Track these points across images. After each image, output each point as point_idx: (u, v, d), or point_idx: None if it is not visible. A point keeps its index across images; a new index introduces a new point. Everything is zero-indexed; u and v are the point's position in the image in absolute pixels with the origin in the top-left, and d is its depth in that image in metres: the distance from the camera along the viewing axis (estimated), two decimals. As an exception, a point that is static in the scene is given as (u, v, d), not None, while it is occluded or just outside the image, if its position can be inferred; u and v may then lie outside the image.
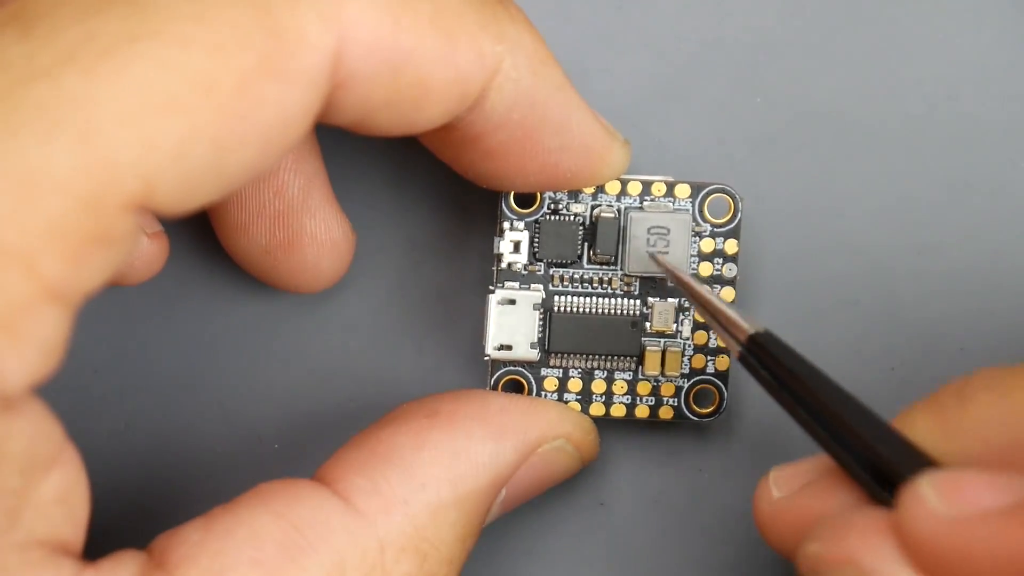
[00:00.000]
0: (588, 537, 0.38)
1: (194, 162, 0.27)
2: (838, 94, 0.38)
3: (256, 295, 0.38)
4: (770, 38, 0.38)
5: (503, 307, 0.36)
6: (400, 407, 0.34)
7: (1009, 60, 0.37)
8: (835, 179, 0.38)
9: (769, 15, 0.38)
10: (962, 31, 0.37)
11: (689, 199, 0.36)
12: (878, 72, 0.38)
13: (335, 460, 0.32)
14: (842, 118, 0.38)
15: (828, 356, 0.37)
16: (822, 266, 0.37)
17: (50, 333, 0.27)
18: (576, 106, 0.33)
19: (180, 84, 0.27)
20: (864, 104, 0.38)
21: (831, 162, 0.38)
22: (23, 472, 0.28)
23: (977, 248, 0.37)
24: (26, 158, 0.26)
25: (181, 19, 0.27)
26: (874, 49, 0.38)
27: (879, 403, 0.37)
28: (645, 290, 0.36)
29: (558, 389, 0.36)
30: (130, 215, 0.27)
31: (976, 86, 0.37)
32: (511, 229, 0.36)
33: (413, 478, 0.32)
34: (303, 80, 0.28)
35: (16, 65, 0.26)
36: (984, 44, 0.37)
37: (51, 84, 0.26)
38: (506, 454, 0.33)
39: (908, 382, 0.37)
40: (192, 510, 0.37)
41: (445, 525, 0.32)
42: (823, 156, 0.38)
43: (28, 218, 0.26)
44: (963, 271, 0.37)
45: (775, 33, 0.38)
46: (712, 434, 0.38)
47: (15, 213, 0.26)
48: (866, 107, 0.38)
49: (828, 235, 0.37)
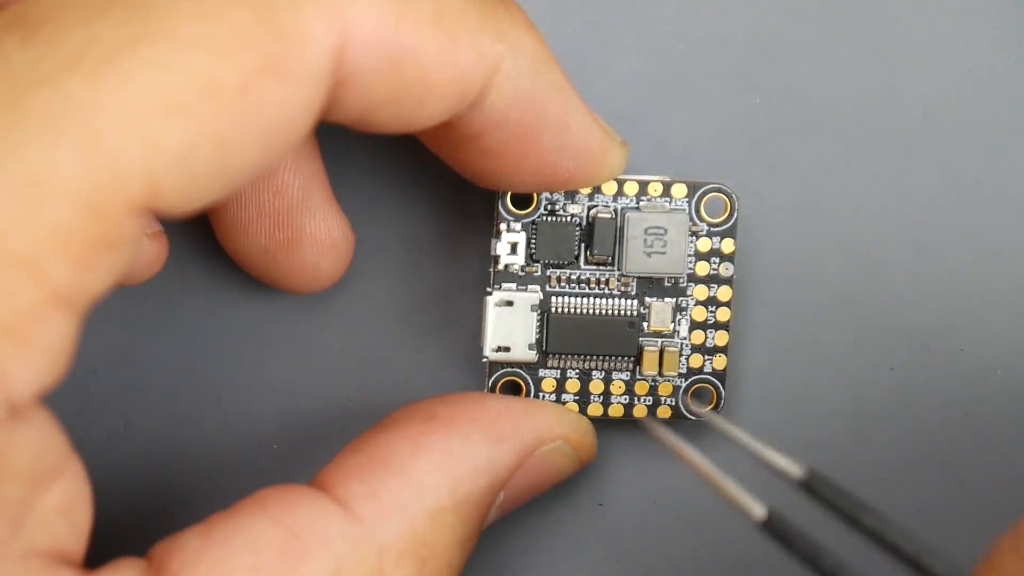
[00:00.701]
0: (587, 537, 0.38)
1: (198, 163, 0.27)
2: (837, 94, 0.38)
3: (255, 295, 0.38)
4: (769, 37, 0.38)
5: (501, 309, 0.36)
6: (397, 411, 0.34)
7: (1009, 60, 0.37)
8: (834, 178, 0.38)
9: (768, 15, 0.38)
10: (962, 31, 0.37)
11: (686, 199, 0.36)
12: (878, 72, 0.38)
13: (333, 465, 0.32)
14: (841, 118, 0.38)
15: (827, 356, 0.37)
16: (821, 266, 0.37)
17: (58, 339, 0.27)
18: (575, 107, 0.33)
19: (183, 86, 0.27)
20: (864, 104, 0.38)
21: (830, 161, 0.38)
22: (28, 482, 0.28)
23: (977, 248, 0.37)
24: (31, 165, 0.26)
25: (183, 20, 0.27)
26: (874, 49, 0.38)
27: (878, 404, 0.37)
28: (642, 290, 0.36)
29: (556, 390, 0.36)
30: (135, 218, 0.27)
31: (976, 86, 0.37)
32: (508, 230, 0.36)
33: (411, 483, 0.32)
34: (306, 78, 0.28)
35: (20, 72, 0.26)
36: (984, 44, 0.37)
37: (55, 90, 0.26)
38: (504, 457, 0.33)
39: (907, 383, 0.37)
40: (190, 510, 0.37)
41: (444, 529, 0.32)
42: (822, 155, 0.38)
43: (34, 224, 0.26)
44: (963, 271, 0.37)
45: (774, 33, 0.38)
46: (710, 433, 0.38)
47: (21, 220, 0.26)
48: (866, 107, 0.38)
49: (827, 235, 0.37)
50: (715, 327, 0.36)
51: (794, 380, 0.37)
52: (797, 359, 0.37)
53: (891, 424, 0.37)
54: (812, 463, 0.37)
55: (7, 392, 0.26)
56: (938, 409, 0.37)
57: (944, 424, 0.37)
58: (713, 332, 0.36)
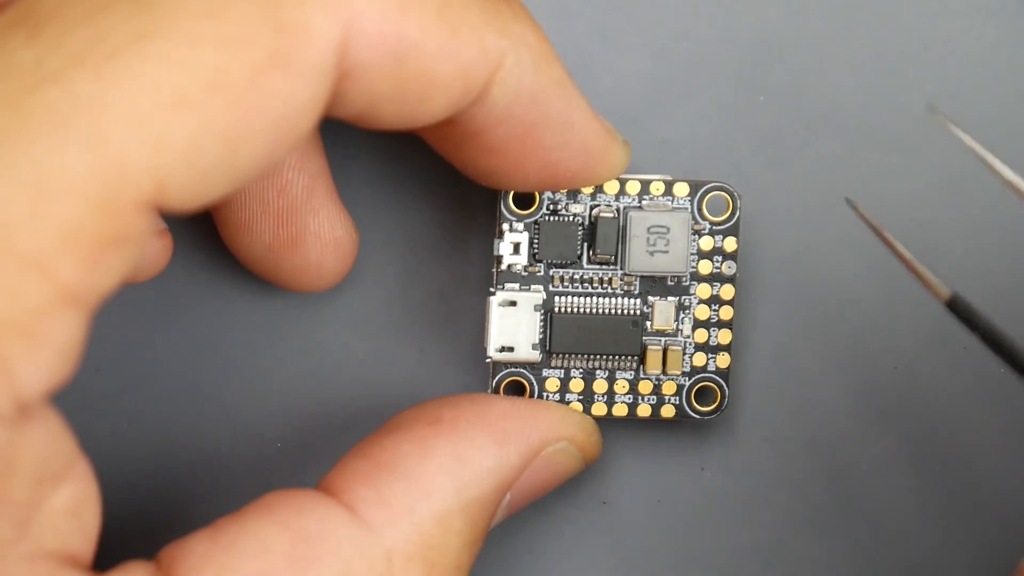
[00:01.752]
0: (590, 536, 0.38)
1: (206, 159, 0.27)
2: (840, 93, 0.38)
3: (259, 294, 0.38)
4: (772, 37, 0.38)
5: (504, 309, 0.36)
6: (402, 413, 0.34)
7: (1009, 60, 0.37)
8: (837, 176, 0.38)
9: (771, 14, 0.38)
10: (962, 31, 0.37)
11: (688, 197, 0.36)
12: (879, 71, 0.38)
13: (339, 470, 0.32)
14: (844, 116, 0.38)
15: (829, 355, 0.37)
16: (825, 264, 0.37)
17: (67, 338, 0.27)
18: (577, 105, 0.33)
19: (189, 81, 0.27)
20: (865, 103, 0.38)
21: (833, 160, 0.38)
22: (35, 484, 0.28)
23: (978, 248, 0.37)
24: (39, 163, 0.26)
25: (188, 16, 0.27)
26: (875, 48, 0.38)
27: (882, 402, 0.37)
28: (645, 289, 0.36)
29: (560, 390, 0.36)
30: (144, 215, 0.27)
31: (976, 86, 0.37)
32: (511, 230, 0.36)
33: (418, 487, 0.32)
34: (312, 72, 0.28)
35: (26, 70, 0.26)
36: (984, 44, 0.37)
37: (61, 88, 0.26)
38: (510, 458, 0.33)
39: (910, 382, 0.37)
40: (194, 507, 0.37)
41: (451, 532, 0.32)
42: (825, 154, 0.38)
43: (43, 223, 0.26)
44: (963, 271, 0.37)
45: (777, 32, 0.38)
46: (714, 432, 0.38)
47: (30, 218, 0.26)
48: (867, 106, 0.38)
49: (830, 233, 0.37)
50: (718, 325, 0.36)
51: (798, 378, 0.37)
52: (801, 358, 0.38)
53: (894, 423, 0.37)
54: (817, 461, 0.37)
55: (16, 391, 0.26)
56: (942, 408, 0.37)
57: (947, 423, 0.37)
58: (716, 331, 0.36)
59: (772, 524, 0.38)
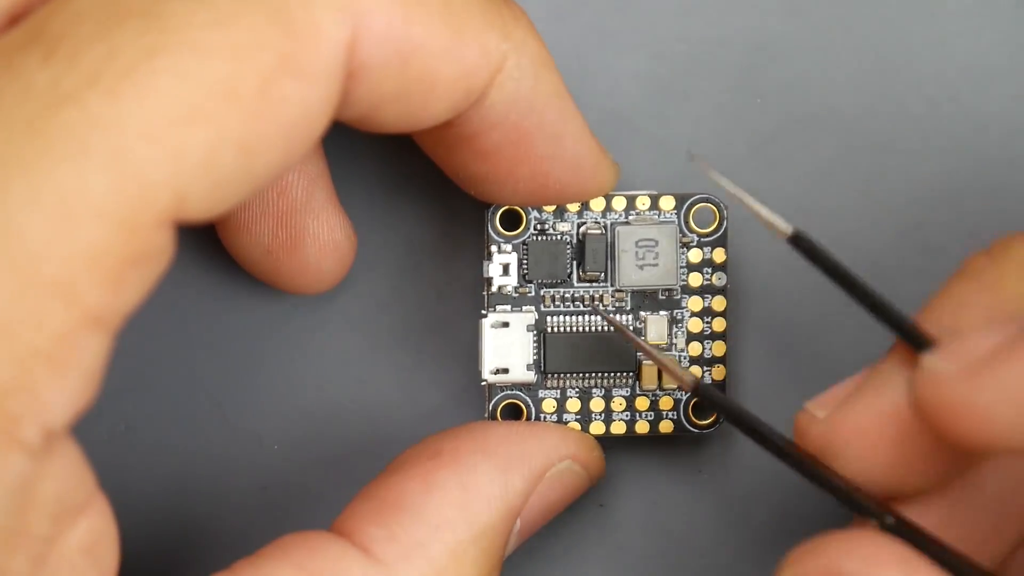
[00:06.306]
0: (588, 538, 0.38)
1: (223, 169, 0.27)
2: (838, 94, 0.38)
3: (257, 296, 0.38)
4: (770, 38, 0.38)
5: (497, 330, 0.35)
6: (403, 454, 0.34)
7: (1009, 60, 0.38)
8: (835, 179, 0.38)
9: (769, 15, 0.38)
10: (962, 31, 0.38)
11: (674, 211, 0.36)
12: (878, 72, 0.38)
13: (347, 513, 0.32)
14: (842, 118, 0.38)
15: (828, 358, 0.37)
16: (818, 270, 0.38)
17: (92, 361, 0.27)
18: (572, 117, 0.33)
19: (202, 93, 0.27)
20: (864, 104, 0.38)
21: (831, 162, 0.38)
22: (54, 518, 0.27)
23: (977, 248, 0.37)
24: (62, 188, 0.26)
25: (198, 27, 0.27)
26: (874, 49, 0.38)
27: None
28: (637, 304, 0.36)
29: (557, 410, 0.36)
30: (165, 230, 0.27)
31: (976, 86, 0.37)
32: (499, 252, 0.36)
33: (426, 520, 0.32)
34: (322, 74, 0.28)
35: (42, 91, 0.26)
36: (984, 44, 0.38)
37: (77, 109, 0.26)
38: (515, 484, 0.33)
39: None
40: (192, 511, 0.37)
41: (466, 564, 0.32)
42: (823, 156, 0.38)
43: (67, 247, 0.26)
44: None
45: (775, 33, 0.38)
46: (712, 436, 0.38)
47: (54, 244, 0.26)
48: (866, 107, 0.38)
49: (828, 236, 0.37)
50: (712, 338, 0.36)
51: (794, 387, 0.38)
52: (796, 366, 0.38)
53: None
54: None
55: (43, 419, 0.26)
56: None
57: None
58: (710, 343, 0.36)
59: (768, 528, 0.38)
